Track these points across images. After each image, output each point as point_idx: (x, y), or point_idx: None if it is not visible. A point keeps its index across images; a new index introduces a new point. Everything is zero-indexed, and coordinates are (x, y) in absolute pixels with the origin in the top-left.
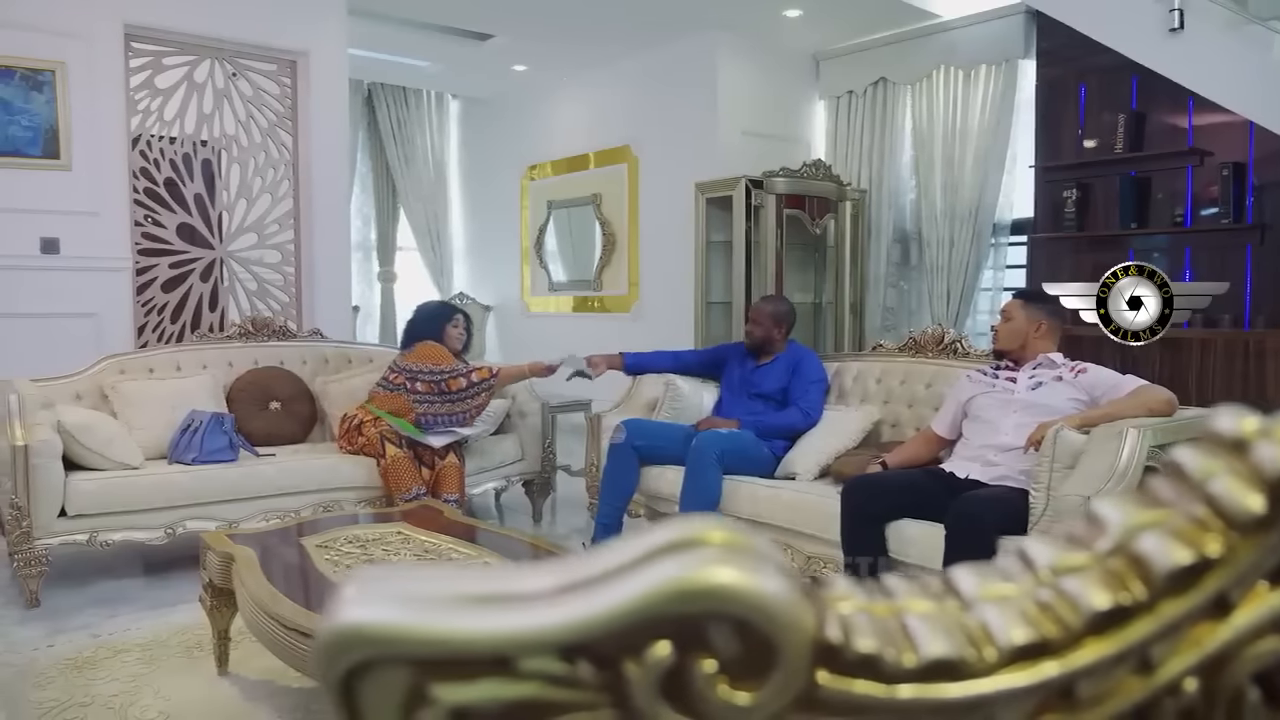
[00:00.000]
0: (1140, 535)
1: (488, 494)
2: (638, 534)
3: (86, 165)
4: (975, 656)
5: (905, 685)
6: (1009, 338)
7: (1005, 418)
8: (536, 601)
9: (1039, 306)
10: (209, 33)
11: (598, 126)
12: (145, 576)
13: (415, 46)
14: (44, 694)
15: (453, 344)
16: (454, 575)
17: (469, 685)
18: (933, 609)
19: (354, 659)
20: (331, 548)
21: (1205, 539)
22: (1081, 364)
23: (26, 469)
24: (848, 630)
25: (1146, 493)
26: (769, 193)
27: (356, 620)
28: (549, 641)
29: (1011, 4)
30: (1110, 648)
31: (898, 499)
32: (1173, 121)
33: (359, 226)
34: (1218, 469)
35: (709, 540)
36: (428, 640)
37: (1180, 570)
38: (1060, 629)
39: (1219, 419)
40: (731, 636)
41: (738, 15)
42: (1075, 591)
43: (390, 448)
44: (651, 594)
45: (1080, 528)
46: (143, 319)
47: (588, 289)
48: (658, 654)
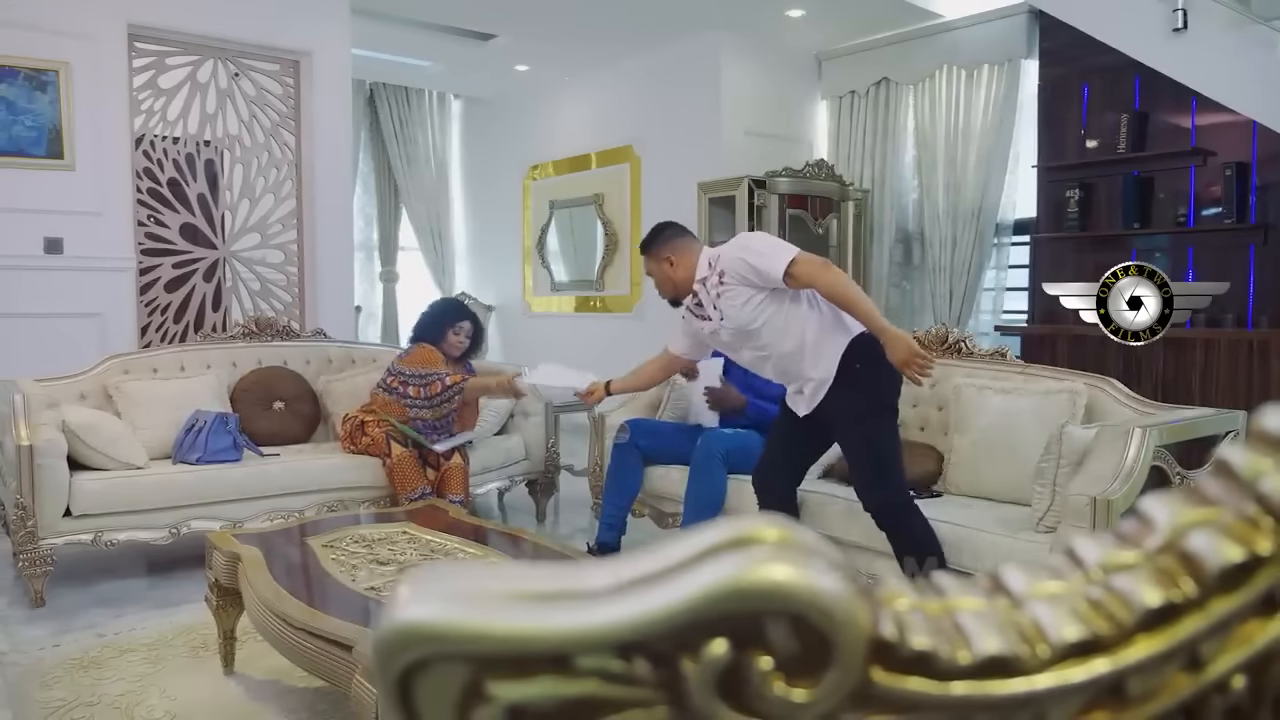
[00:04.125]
0: (1190, 533)
1: (491, 494)
2: (691, 533)
3: (90, 165)
4: (1028, 653)
5: (958, 682)
6: (662, 288)
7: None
8: (595, 599)
9: (657, 246)
10: (212, 33)
11: (600, 126)
12: (150, 576)
13: (418, 46)
14: (50, 693)
15: (450, 350)
16: (512, 573)
17: (526, 683)
18: (984, 606)
19: (412, 656)
20: (337, 547)
21: (1256, 536)
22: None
23: (31, 469)
24: (902, 627)
25: (1195, 491)
26: (771, 193)
27: (415, 618)
28: (607, 639)
29: (1014, 4)
30: (1161, 645)
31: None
32: (1175, 121)
33: (361, 226)
34: (1267, 467)
35: (764, 538)
36: (486, 637)
37: (1231, 567)
38: (1112, 626)
39: (1266, 418)
40: (788, 634)
41: (740, 15)
42: (1126, 589)
43: (396, 447)
44: (708, 592)
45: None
46: (146, 319)
47: (590, 289)
48: (714, 652)
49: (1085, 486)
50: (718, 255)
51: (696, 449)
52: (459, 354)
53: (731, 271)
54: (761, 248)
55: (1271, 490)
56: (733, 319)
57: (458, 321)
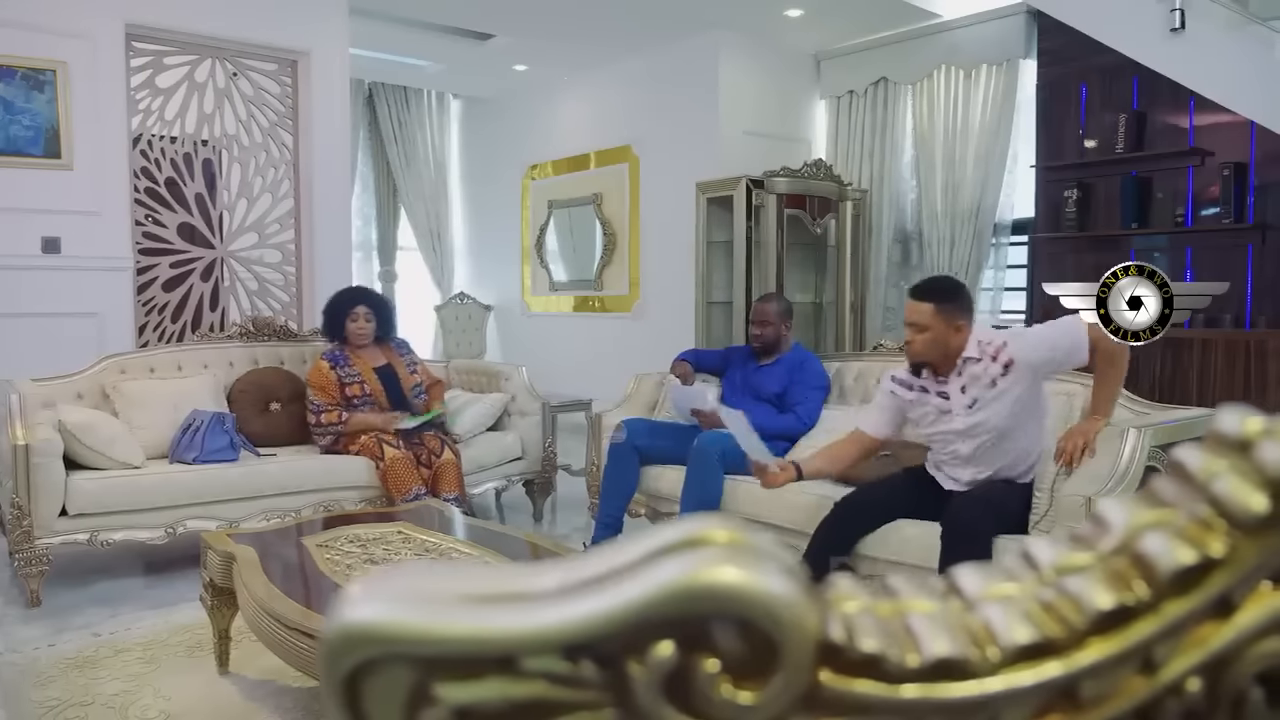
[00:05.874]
0: (1144, 535)
1: (489, 494)
2: (642, 533)
3: (87, 165)
4: (978, 656)
5: (908, 685)
6: (928, 349)
7: (959, 449)
8: (541, 601)
9: (952, 304)
10: (210, 32)
11: (599, 126)
12: (146, 576)
13: (416, 46)
14: (45, 693)
15: (358, 339)
16: (459, 574)
17: (473, 684)
18: (936, 609)
19: (358, 658)
20: (332, 547)
21: (1209, 539)
22: (1004, 354)
23: (28, 468)
24: (851, 630)
25: (1150, 493)
26: (770, 192)
27: (361, 619)
28: (552, 641)
29: (1012, 4)
30: (1113, 648)
31: (893, 507)
32: (1174, 121)
33: (360, 226)
34: (1221, 469)
35: (713, 540)
36: (433, 639)
37: (1184, 570)
38: (1064, 629)
39: (1222, 419)
40: (735, 636)
41: (739, 15)
42: (1078, 591)
43: (389, 450)
44: (654, 594)
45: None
46: (143, 318)
47: (588, 289)
48: (660, 653)
49: (1080, 487)
50: (994, 344)
51: (693, 449)
52: (367, 340)
53: (1024, 362)
54: (1044, 330)
55: (1225, 492)
56: (991, 411)
57: (351, 308)
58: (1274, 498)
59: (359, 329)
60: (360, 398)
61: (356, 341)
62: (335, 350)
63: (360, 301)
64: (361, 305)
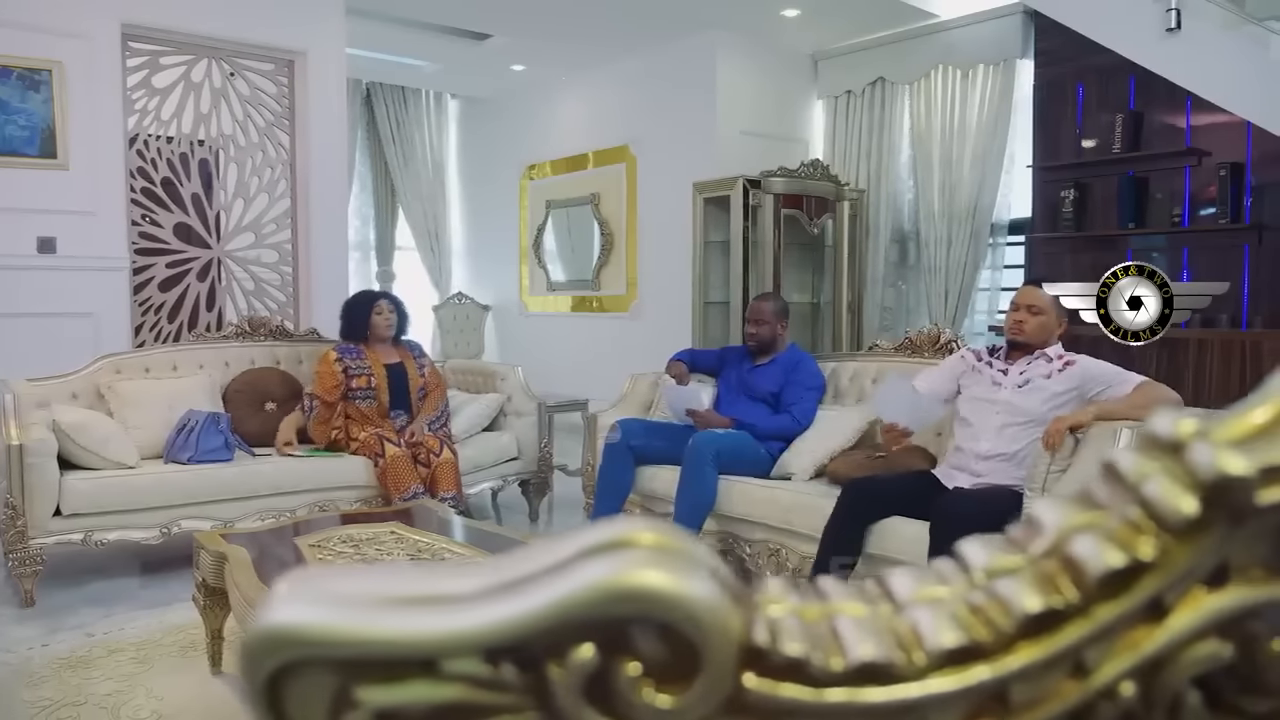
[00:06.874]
0: (1074, 537)
1: (485, 494)
2: (569, 535)
3: (83, 165)
4: (904, 660)
5: (833, 689)
6: (1040, 332)
7: (986, 420)
8: (462, 603)
9: (1061, 303)
10: (206, 32)
11: (596, 126)
12: (141, 576)
13: (414, 46)
14: (37, 693)
15: (381, 332)
16: (384, 576)
17: (395, 688)
18: (865, 612)
19: (279, 661)
20: (325, 547)
21: (1138, 542)
22: (1071, 356)
23: (21, 468)
24: (775, 633)
25: (1085, 495)
26: (767, 192)
27: (283, 621)
28: (472, 643)
29: (1009, 4)
30: (1043, 651)
31: (892, 501)
32: (1170, 121)
33: (357, 226)
34: (1153, 471)
35: (638, 542)
36: (353, 642)
37: (1112, 573)
38: (991, 632)
39: (1157, 420)
40: (656, 639)
41: (736, 15)
42: (1007, 594)
43: (389, 447)
44: (575, 596)
45: (1019, 529)
46: (140, 318)
47: (586, 289)
48: (581, 656)
49: (1074, 488)
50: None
51: (687, 449)
52: (392, 331)
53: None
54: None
55: (1155, 495)
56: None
57: (375, 301)
58: (1204, 500)
59: (385, 320)
60: (363, 390)
61: (382, 334)
62: (350, 344)
63: (382, 296)
64: (383, 299)
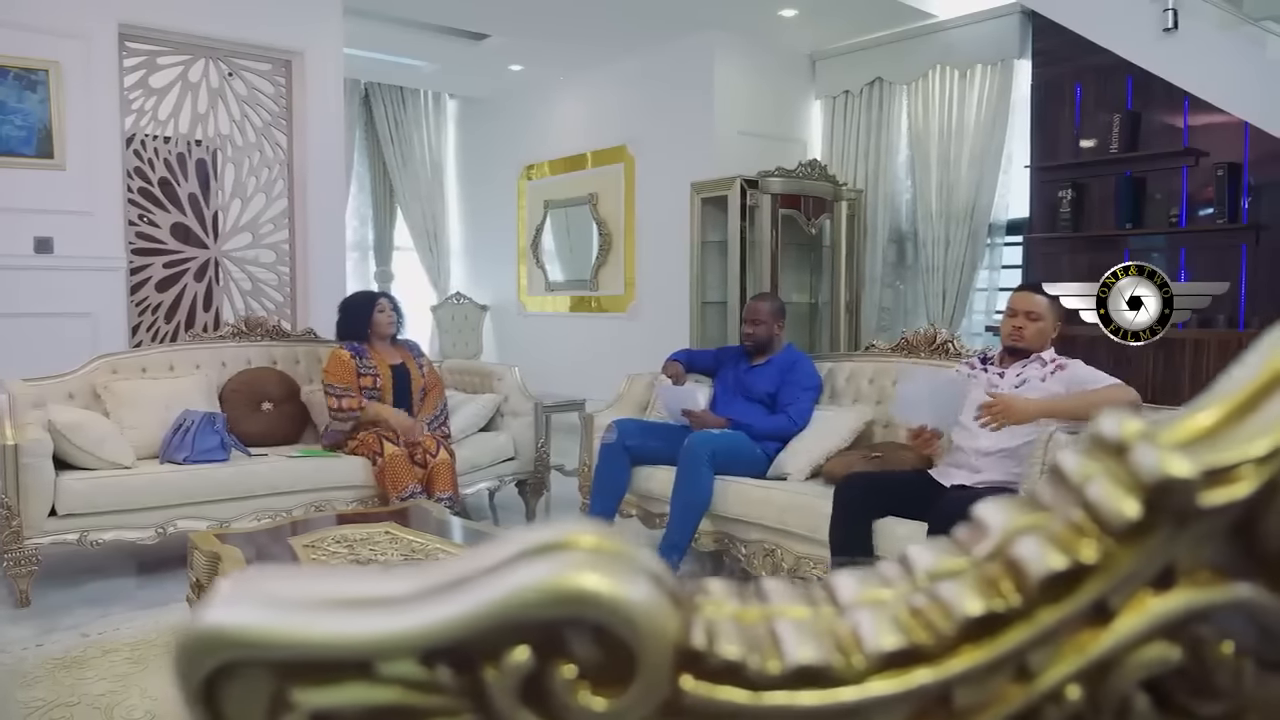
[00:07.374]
0: (1017, 539)
1: (482, 494)
2: (507, 537)
3: (81, 165)
4: (843, 663)
5: (771, 692)
6: (1038, 338)
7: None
8: (398, 605)
9: (1057, 305)
10: (204, 32)
11: (594, 126)
12: (137, 576)
13: (412, 46)
14: (31, 693)
15: (383, 329)
16: (323, 577)
17: (331, 690)
18: (807, 615)
19: (215, 662)
20: (319, 548)
21: (1080, 544)
22: (1064, 360)
23: (17, 468)
24: (713, 636)
25: (1031, 497)
26: (764, 192)
27: (218, 622)
28: (407, 645)
29: (1007, 4)
30: (985, 654)
31: (888, 499)
32: (1168, 121)
33: (356, 226)
34: (1096, 472)
35: (576, 544)
36: (289, 643)
37: (1054, 576)
38: (932, 635)
39: (1103, 421)
40: (592, 642)
41: (734, 15)
42: (949, 597)
43: (388, 446)
44: (510, 598)
45: (964, 531)
46: (137, 319)
47: (584, 289)
48: (516, 659)
49: None
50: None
51: (683, 450)
52: (395, 329)
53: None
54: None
55: (1098, 497)
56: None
57: (376, 300)
58: (1147, 503)
59: (387, 319)
60: (369, 390)
61: (385, 332)
62: (354, 344)
63: (382, 295)
64: (384, 298)
